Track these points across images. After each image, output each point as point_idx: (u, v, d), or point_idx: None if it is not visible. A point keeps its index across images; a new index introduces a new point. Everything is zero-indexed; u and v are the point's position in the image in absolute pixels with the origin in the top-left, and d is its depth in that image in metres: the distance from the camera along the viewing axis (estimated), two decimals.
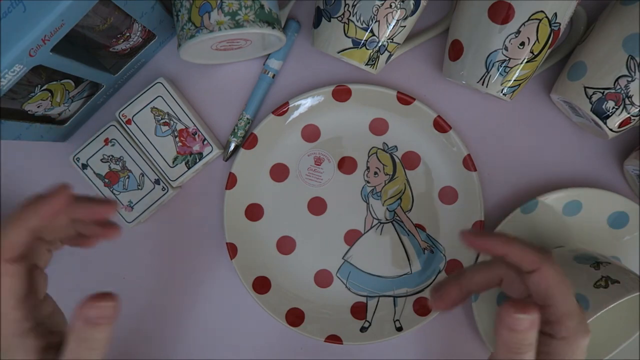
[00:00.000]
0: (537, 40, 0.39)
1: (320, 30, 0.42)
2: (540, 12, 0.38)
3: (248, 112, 0.48)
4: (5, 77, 0.33)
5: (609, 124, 0.41)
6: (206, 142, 0.47)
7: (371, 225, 0.49)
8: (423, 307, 0.48)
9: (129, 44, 0.43)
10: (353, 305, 0.49)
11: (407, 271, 0.49)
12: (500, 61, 0.40)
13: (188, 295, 0.50)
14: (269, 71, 0.47)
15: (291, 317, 0.48)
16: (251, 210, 0.49)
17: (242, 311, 0.50)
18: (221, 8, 0.38)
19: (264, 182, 0.49)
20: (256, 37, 0.43)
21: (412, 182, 0.48)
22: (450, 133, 0.47)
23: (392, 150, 0.48)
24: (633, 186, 0.47)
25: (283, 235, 0.49)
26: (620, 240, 0.47)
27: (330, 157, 0.49)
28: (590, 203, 0.46)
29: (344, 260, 0.49)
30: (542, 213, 0.47)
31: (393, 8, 0.40)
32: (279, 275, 0.49)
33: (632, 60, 0.38)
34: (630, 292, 0.36)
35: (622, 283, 0.37)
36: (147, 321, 0.50)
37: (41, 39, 0.32)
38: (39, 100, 0.40)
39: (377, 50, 0.42)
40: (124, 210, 0.47)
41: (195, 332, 0.50)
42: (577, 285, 0.38)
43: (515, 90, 0.42)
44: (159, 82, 0.46)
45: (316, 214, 0.49)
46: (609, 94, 0.40)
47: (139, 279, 0.50)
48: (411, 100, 0.46)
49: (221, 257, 0.49)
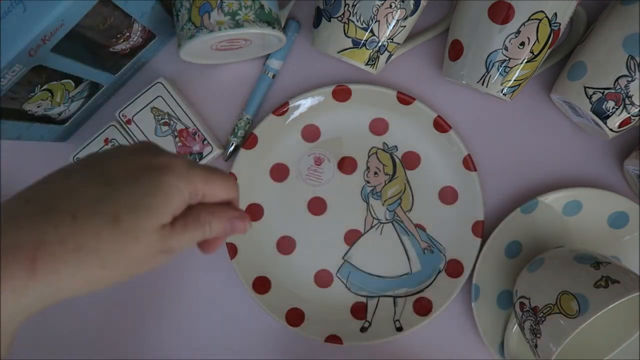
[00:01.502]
0: (537, 40, 0.39)
1: (320, 30, 0.42)
2: (540, 12, 0.38)
3: (248, 112, 0.48)
4: (5, 77, 0.33)
5: (609, 124, 0.41)
6: (206, 142, 0.47)
7: (371, 225, 0.49)
8: (423, 307, 0.48)
9: (129, 44, 0.43)
10: (353, 305, 0.49)
11: (407, 271, 0.49)
12: (500, 61, 0.40)
13: (188, 295, 0.50)
14: (269, 71, 0.47)
15: (291, 317, 0.48)
16: (251, 210, 0.49)
17: (242, 311, 0.50)
18: (221, 8, 0.38)
19: (264, 182, 0.49)
20: (256, 37, 0.43)
21: (412, 182, 0.48)
22: (450, 133, 0.47)
23: (392, 150, 0.48)
24: (633, 186, 0.47)
25: (283, 235, 0.49)
26: (620, 240, 0.47)
27: (330, 157, 0.49)
28: (590, 203, 0.46)
29: (344, 260, 0.49)
30: (542, 213, 0.47)
31: (393, 8, 0.40)
32: (279, 275, 0.49)
33: (632, 60, 0.38)
34: (630, 292, 0.36)
35: (622, 283, 0.37)
36: (146, 321, 0.50)
37: (41, 39, 0.32)
38: (39, 100, 0.40)
39: (377, 50, 0.42)
40: None
41: (195, 332, 0.50)
42: (577, 285, 0.38)
43: (515, 90, 0.42)
44: (159, 82, 0.46)
45: (316, 214, 0.49)
46: (609, 94, 0.40)
47: (139, 279, 0.50)
48: (411, 100, 0.46)
49: (221, 257, 0.49)
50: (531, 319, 0.40)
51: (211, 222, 0.29)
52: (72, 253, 0.24)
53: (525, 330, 0.41)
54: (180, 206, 0.27)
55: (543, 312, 0.38)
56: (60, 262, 0.24)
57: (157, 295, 0.50)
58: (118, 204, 0.25)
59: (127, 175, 0.26)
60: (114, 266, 0.25)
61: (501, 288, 0.48)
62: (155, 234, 0.26)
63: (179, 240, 0.27)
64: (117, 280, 0.26)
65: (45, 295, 0.24)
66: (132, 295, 0.50)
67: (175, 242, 0.27)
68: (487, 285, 0.47)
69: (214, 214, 0.29)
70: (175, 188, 0.26)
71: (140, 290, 0.50)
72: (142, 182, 0.26)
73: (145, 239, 0.26)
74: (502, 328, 0.48)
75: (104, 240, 0.25)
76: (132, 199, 0.25)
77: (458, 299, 0.48)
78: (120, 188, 0.26)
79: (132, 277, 0.27)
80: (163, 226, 0.26)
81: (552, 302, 0.38)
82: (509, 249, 0.48)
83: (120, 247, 0.25)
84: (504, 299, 0.48)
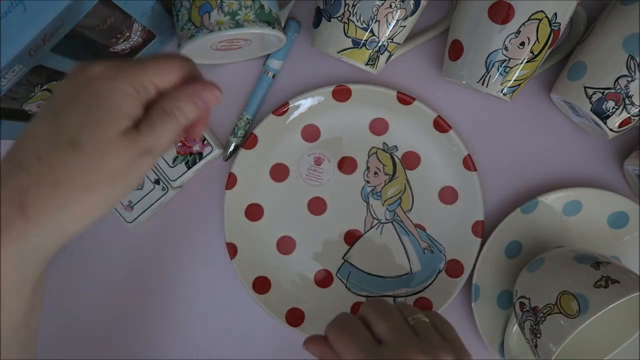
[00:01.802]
0: (537, 40, 0.39)
1: (320, 30, 0.42)
2: (540, 12, 0.38)
3: (248, 112, 0.48)
4: (5, 77, 0.33)
5: (609, 124, 0.41)
6: (206, 142, 0.47)
7: (371, 225, 0.49)
8: (423, 307, 0.48)
9: (129, 44, 0.43)
10: (353, 305, 0.49)
11: (407, 271, 0.49)
12: (500, 61, 0.40)
13: (188, 295, 0.50)
14: (269, 71, 0.47)
15: (291, 317, 0.48)
16: (251, 210, 0.49)
17: (242, 311, 0.50)
18: (221, 8, 0.38)
19: (264, 182, 0.49)
20: (256, 37, 0.43)
21: (412, 182, 0.48)
22: (450, 133, 0.47)
23: (392, 150, 0.48)
24: (633, 186, 0.47)
25: (283, 235, 0.49)
26: (620, 240, 0.47)
27: (330, 157, 0.49)
28: (590, 203, 0.46)
29: (344, 260, 0.49)
30: (542, 213, 0.47)
31: (393, 8, 0.40)
32: (279, 275, 0.49)
33: (632, 60, 0.38)
34: (630, 292, 0.36)
35: (622, 283, 0.37)
36: (146, 321, 0.50)
37: (41, 39, 0.32)
38: (39, 100, 0.40)
39: (377, 50, 0.42)
40: (123, 210, 0.47)
41: (195, 332, 0.50)
42: (577, 285, 0.38)
43: (515, 90, 0.42)
44: None
45: (316, 214, 0.49)
46: (609, 94, 0.40)
47: (139, 279, 0.50)
48: (411, 100, 0.46)
49: (221, 257, 0.49)
50: (531, 319, 0.40)
51: (179, 106, 0.28)
52: (51, 189, 0.26)
53: (525, 330, 0.41)
54: (133, 107, 0.27)
55: (543, 312, 0.38)
56: (45, 201, 0.26)
57: (156, 295, 0.50)
58: (70, 129, 0.26)
59: (69, 99, 0.27)
60: (96, 186, 0.26)
61: (501, 288, 0.48)
62: (120, 141, 0.27)
63: (151, 138, 0.27)
64: (111, 199, 0.27)
65: (50, 235, 0.26)
66: (131, 296, 0.50)
67: (149, 141, 0.27)
68: (487, 285, 0.47)
69: (178, 97, 0.28)
70: (115, 91, 0.27)
71: (140, 290, 0.50)
72: (83, 99, 0.27)
73: (112, 150, 0.26)
74: (502, 328, 0.48)
75: (73, 166, 0.26)
76: (80, 119, 0.26)
77: (458, 299, 0.48)
78: (67, 114, 0.27)
79: (126, 191, 0.28)
80: (125, 132, 0.27)
81: (552, 302, 0.38)
82: (509, 249, 0.48)
83: (91, 166, 0.26)
84: (504, 299, 0.48)
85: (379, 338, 0.31)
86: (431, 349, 0.30)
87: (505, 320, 0.47)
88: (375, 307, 0.33)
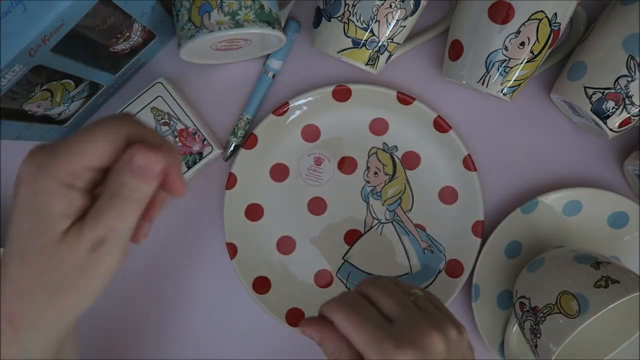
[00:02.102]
0: (537, 40, 0.39)
1: (320, 30, 0.42)
2: (540, 12, 0.38)
3: (248, 112, 0.48)
4: (5, 77, 0.33)
5: (609, 124, 0.41)
6: (206, 142, 0.47)
7: (371, 225, 0.49)
8: None
9: (129, 44, 0.43)
10: None
11: (407, 271, 0.49)
12: (500, 61, 0.40)
13: (188, 295, 0.50)
14: (269, 71, 0.47)
15: (291, 317, 0.48)
16: (251, 210, 0.49)
17: (242, 311, 0.50)
18: (221, 8, 0.38)
19: (264, 182, 0.49)
20: (256, 37, 0.43)
21: (412, 182, 0.48)
22: (450, 133, 0.47)
23: (392, 150, 0.48)
24: (633, 186, 0.47)
25: (283, 235, 0.49)
26: (620, 240, 0.47)
27: (330, 157, 0.49)
28: (590, 203, 0.46)
29: (344, 260, 0.49)
30: (542, 213, 0.47)
31: (393, 8, 0.40)
32: (279, 275, 0.49)
33: (632, 60, 0.38)
34: (630, 292, 0.36)
35: (622, 283, 0.37)
36: (146, 321, 0.50)
37: (41, 39, 0.32)
38: (39, 100, 0.40)
39: (377, 50, 0.42)
40: None
41: (195, 332, 0.50)
42: (577, 285, 0.38)
43: (515, 90, 0.42)
44: (159, 82, 0.46)
45: (316, 214, 0.49)
46: (609, 94, 0.40)
47: (139, 279, 0.50)
48: (411, 100, 0.46)
49: (221, 257, 0.49)
50: (531, 319, 0.40)
51: (122, 182, 0.24)
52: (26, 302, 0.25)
53: (525, 330, 0.41)
54: (67, 203, 0.24)
55: (543, 312, 0.38)
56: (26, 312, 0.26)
57: (156, 296, 0.50)
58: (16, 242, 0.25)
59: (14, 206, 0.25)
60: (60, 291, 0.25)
61: (501, 288, 0.48)
62: (61, 244, 0.25)
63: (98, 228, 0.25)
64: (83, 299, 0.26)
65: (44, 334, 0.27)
66: (131, 296, 0.50)
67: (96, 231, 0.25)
68: (487, 285, 0.47)
69: (120, 170, 0.24)
70: (41, 193, 0.24)
71: (140, 291, 0.50)
72: (18, 208, 0.25)
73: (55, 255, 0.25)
74: (502, 328, 0.48)
75: (26, 277, 0.25)
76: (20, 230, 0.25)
77: (458, 299, 0.48)
78: (12, 224, 0.25)
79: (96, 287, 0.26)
80: (65, 232, 0.25)
81: (552, 302, 0.38)
82: (509, 249, 0.48)
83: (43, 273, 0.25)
84: (504, 299, 0.48)
85: (387, 316, 0.31)
86: (438, 323, 0.30)
87: (505, 320, 0.47)
88: (377, 284, 0.33)
